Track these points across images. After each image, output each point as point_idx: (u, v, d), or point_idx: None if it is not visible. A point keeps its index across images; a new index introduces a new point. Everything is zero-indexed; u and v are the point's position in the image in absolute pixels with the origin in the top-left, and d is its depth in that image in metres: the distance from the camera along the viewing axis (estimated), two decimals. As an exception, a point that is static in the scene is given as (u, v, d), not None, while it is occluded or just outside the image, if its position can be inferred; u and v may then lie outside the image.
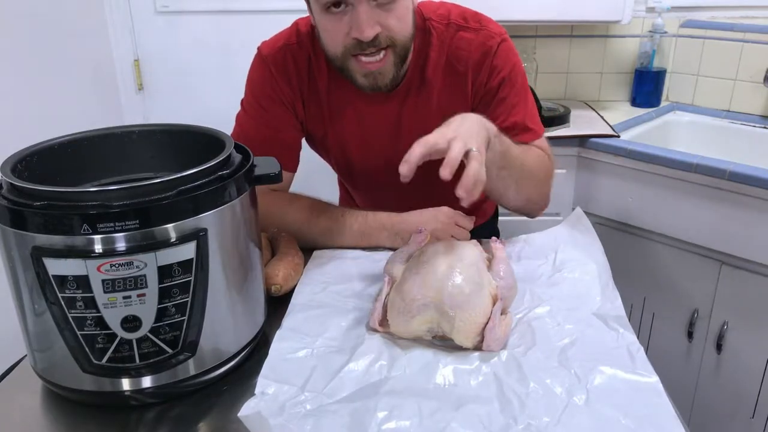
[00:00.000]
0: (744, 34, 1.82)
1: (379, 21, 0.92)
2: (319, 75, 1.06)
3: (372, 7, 0.90)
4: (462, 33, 1.05)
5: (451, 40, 1.05)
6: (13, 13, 1.58)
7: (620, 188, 1.64)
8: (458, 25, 1.05)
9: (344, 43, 0.94)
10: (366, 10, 0.90)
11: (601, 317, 0.83)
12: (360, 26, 0.90)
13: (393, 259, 0.89)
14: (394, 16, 0.93)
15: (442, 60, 1.05)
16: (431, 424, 0.65)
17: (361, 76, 0.97)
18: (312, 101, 1.08)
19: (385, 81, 0.98)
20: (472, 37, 1.04)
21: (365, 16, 0.90)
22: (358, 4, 0.89)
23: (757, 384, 1.50)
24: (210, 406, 0.72)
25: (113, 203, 0.62)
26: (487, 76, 1.06)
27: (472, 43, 1.04)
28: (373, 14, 0.91)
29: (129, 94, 2.09)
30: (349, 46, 0.94)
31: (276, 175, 0.77)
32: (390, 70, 0.97)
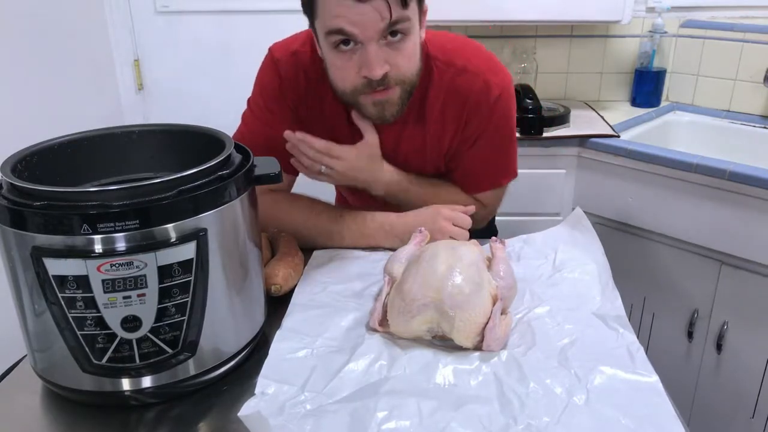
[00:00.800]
0: (744, 34, 1.82)
1: (388, 60, 0.92)
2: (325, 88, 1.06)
3: (381, 46, 0.90)
4: (463, 77, 1.04)
5: (450, 81, 1.04)
6: (13, 14, 1.58)
7: (620, 188, 1.64)
8: (461, 67, 1.04)
9: (354, 81, 0.94)
10: (375, 49, 0.90)
11: (601, 317, 0.83)
12: (370, 65, 0.90)
13: (393, 259, 0.89)
14: (403, 54, 0.93)
15: (440, 98, 1.05)
16: (431, 424, 0.65)
17: (370, 107, 0.98)
18: (315, 109, 1.08)
19: (392, 111, 0.98)
20: (471, 84, 1.04)
21: (375, 55, 0.90)
22: (367, 44, 0.89)
23: (757, 384, 1.50)
24: (210, 406, 0.72)
25: (113, 203, 0.62)
26: (475, 124, 1.07)
27: (472, 90, 1.04)
28: (382, 53, 0.91)
29: (129, 94, 2.09)
30: (358, 86, 0.94)
31: (276, 175, 0.77)
32: (397, 102, 0.98)
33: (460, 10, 1.71)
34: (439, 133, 1.08)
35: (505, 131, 1.10)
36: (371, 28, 0.88)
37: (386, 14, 0.87)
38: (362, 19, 0.87)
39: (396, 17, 0.88)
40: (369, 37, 0.89)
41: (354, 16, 0.86)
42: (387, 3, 0.86)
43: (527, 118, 1.65)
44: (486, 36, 1.99)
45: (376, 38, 0.89)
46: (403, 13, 0.88)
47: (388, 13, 0.87)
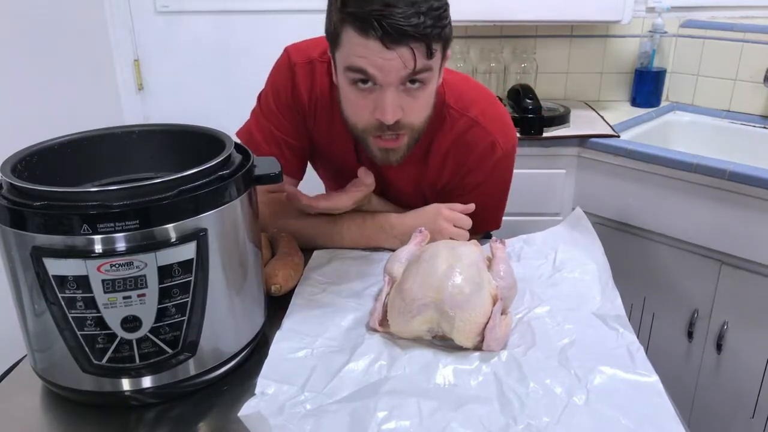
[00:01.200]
0: (744, 34, 1.82)
1: (403, 106, 0.90)
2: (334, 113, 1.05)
3: (399, 92, 0.89)
4: (473, 130, 1.04)
5: (462, 133, 1.05)
6: (13, 14, 1.58)
7: (620, 188, 1.64)
8: (474, 121, 1.04)
9: (366, 121, 0.93)
10: (393, 95, 0.88)
11: (600, 317, 0.83)
12: (384, 110, 0.89)
13: (393, 259, 0.89)
14: (418, 103, 0.92)
15: (446, 145, 1.06)
16: (431, 424, 0.65)
17: (376, 150, 0.97)
18: (324, 119, 1.08)
19: (397, 158, 0.98)
20: (481, 138, 1.04)
21: (391, 101, 0.88)
22: (386, 88, 0.88)
23: (757, 384, 1.50)
24: (210, 406, 0.72)
25: (113, 203, 0.62)
26: (473, 177, 1.07)
27: (478, 146, 1.04)
28: (399, 99, 0.89)
29: (129, 94, 2.09)
30: (370, 127, 0.93)
31: (276, 175, 0.77)
32: (403, 150, 0.97)
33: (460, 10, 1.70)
34: (437, 174, 1.09)
35: (500, 189, 1.11)
36: (393, 74, 0.86)
37: (411, 63, 0.85)
38: (386, 64, 0.85)
39: (420, 67, 0.86)
40: (389, 83, 0.87)
41: (378, 60, 0.84)
42: (413, 52, 0.84)
43: (527, 118, 1.65)
44: (486, 36, 1.99)
45: (395, 84, 0.87)
46: (427, 63, 0.87)
47: (413, 63, 0.85)
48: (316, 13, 0.97)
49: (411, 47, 0.83)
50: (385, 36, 0.82)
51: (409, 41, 0.83)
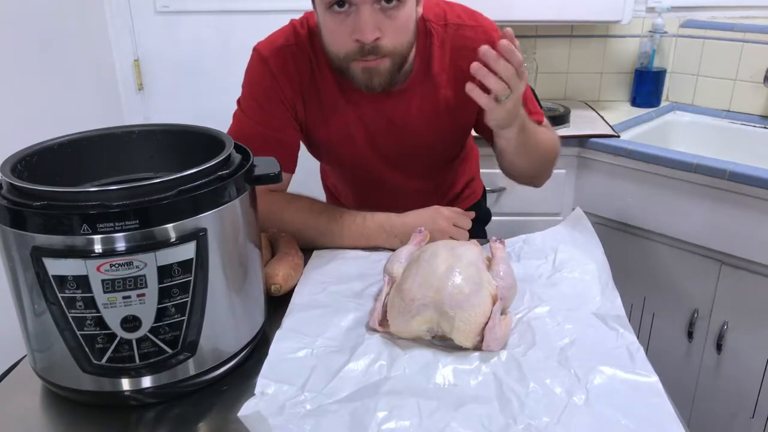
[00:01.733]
0: (744, 34, 1.82)
1: (381, 26, 0.92)
2: (320, 75, 1.07)
3: (375, 11, 0.91)
4: (462, 31, 1.06)
5: (452, 39, 1.06)
6: (13, 13, 1.58)
7: (620, 188, 1.64)
8: (457, 24, 1.07)
9: (346, 45, 0.95)
10: (369, 12, 0.90)
11: (600, 317, 0.83)
12: (362, 28, 0.91)
13: (393, 259, 0.89)
14: (396, 24, 0.93)
15: (446, 58, 1.06)
16: (431, 424, 0.65)
17: (359, 74, 0.98)
18: (313, 101, 1.09)
19: (380, 80, 0.99)
20: (472, 34, 1.06)
21: (368, 18, 0.90)
22: (361, 5, 0.90)
23: (757, 384, 1.50)
24: (210, 406, 0.72)
25: (113, 203, 0.62)
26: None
27: (475, 40, 1.05)
28: (376, 18, 0.91)
29: (129, 94, 2.09)
30: (350, 51, 0.95)
31: (276, 175, 0.77)
32: (385, 72, 0.98)
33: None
34: (450, 98, 1.08)
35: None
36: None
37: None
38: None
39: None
40: (363, 0, 0.89)
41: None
42: None
43: (527, 118, 1.65)
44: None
45: (370, 1, 0.89)
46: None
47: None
48: (316, 13, 0.98)
49: None
50: None
51: None
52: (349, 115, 1.09)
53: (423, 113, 1.09)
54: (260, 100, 1.07)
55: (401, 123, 1.10)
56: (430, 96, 1.08)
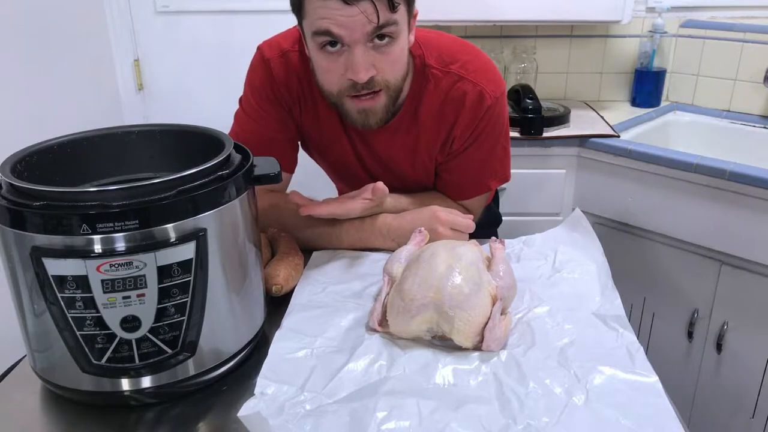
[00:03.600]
0: (744, 34, 1.82)
1: (375, 63, 0.91)
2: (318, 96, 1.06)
3: (368, 49, 0.90)
4: (460, 84, 1.04)
5: (448, 89, 1.04)
6: (13, 13, 1.58)
7: (620, 188, 1.64)
8: (458, 75, 1.04)
9: (339, 83, 0.94)
10: (362, 52, 0.89)
11: (600, 317, 0.83)
12: (355, 68, 0.90)
13: (392, 259, 0.89)
14: (389, 59, 0.93)
15: (436, 105, 1.05)
16: (430, 424, 0.65)
17: (354, 113, 0.98)
18: (309, 108, 1.08)
19: (376, 119, 0.99)
20: (468, 90, 1.04)
21: (361, 58, 0.89)
22: (354, 46, 0.89)
23: (757, 384, 1.50)
24: (210, 406, 0.72)
25: (113, 203, 0.62)
26: (469, 130, 1.07)
27: (467, 96, 1.04)
28: (369, 56, 0.90)
29: (129, 94, 2.09)
30: (344, 88, 0.94)
31: (275, 175, 0.77)
32: (381, 110, 0.98)
33: (460, 10, 1.71)
34: (432, 137, 1.08)
35: (496, 137, 1.10)
36: (358, 30, 0.87)
37: (374, 18, 0.86)
38: (349, 21, 0.86)
39: (383, 21, 0.87)
40: (355, 40, 0.88)
41: (341, 18, 0.86)
42: (375, 6, 0.85)
43: (527, 118, 1.65)
44: (486, 36, 1.99)
45: (362, 41, 0.88)
46: (390, 16, 0.88)
47: (376, 17, 0.86)
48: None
49: (372, 1, 0.85)
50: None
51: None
52: (342, 134, 1.10)
53: (404, 149, 1.10)
54: (260, 100, 1.07)
55: (386, 156, 1.11)
56: (412, 135, 1.08)
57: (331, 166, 1.21)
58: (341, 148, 1.12)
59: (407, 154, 1.11)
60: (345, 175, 1.20)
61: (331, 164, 1.20)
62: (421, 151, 1.10)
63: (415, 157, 1.11)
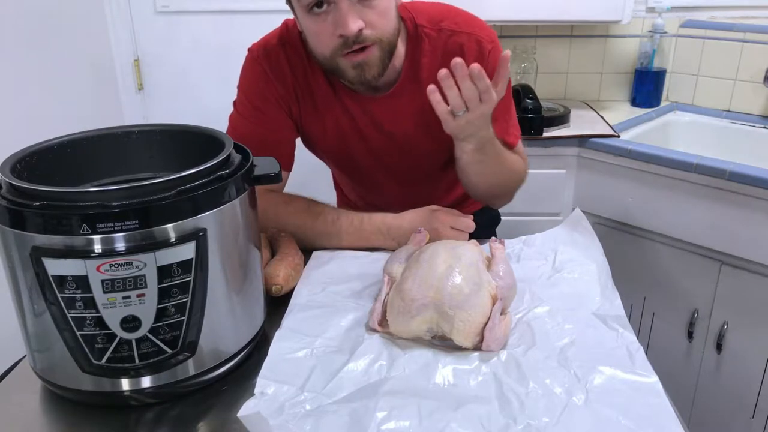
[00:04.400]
0: (744, 34, 1.82)
1: (362, 16, 0.93)
2: (313, 75, 1.07)
3: (353, 3, 0.92)
4: (455, 38, 1.06)
5: (444, 45, 1.06)
6: (13, 13, 1.58)
7: (620, 188, 1.64)
8: (451, 30, 1.06)
9: (331, 43, 0.95)
10: (348, 5, 0.91)
11: (600, 317, 0.83)
12: (344, 22, 0.91)
13: (392, 259, 0.89)
14: (376, 12, 0.94)
15: (436, 63, 1.05)
16: (430, 424, 0.65)
17: (350, 69, 0.98)
18: (307, 100, 1.09)
19: (372, 73, 0.99)
20: (464, 41, 1.06)
21: (347, 11, 0.91)
22: (339, 1, 0.91)
23: (757, 384, 1.50)
24: (210, 406, 0.72)
25: (113, 203, 0.62)
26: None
27: (465, 47, 1.05)
28: (355, 10, 0.92)
29: (129, 94, 2.09)
30: (336, 47, 0.95)
31: (275, 175, 0.77)
32: (376, 63, 0.98)
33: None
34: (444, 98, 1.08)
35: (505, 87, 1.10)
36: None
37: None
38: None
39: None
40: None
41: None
42: None
43: (527, 118, 1.65)
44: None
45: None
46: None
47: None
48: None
49: None
50: None
51: None
52: (342, 117, 1.10)
53: (412, 118, 1.09)
54: (255, 100, 1.08)
55: (391, 128, 1.11)
56: (418, 101, 1.07)
57: (335, 157, 1.20)
58: (343, 132, 1.12)
59: (416, 122, 1.10)
60: (350, 165, 1.19)
61: (335, 155, 1.19)
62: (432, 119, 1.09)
63: (427, 126, 1.10)
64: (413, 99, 1.07)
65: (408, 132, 1.11)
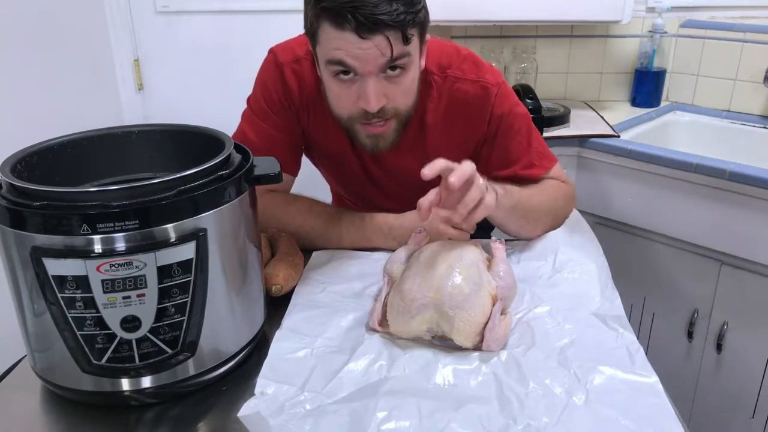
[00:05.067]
0: (744, 34, 1.82)
1: (386, 93, 0.92)
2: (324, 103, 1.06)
3: (380, 80, 0.90)
4: (459, 84, 1.05)
5: (449, 91, 1.05)
6: (13, 14, 1.58)
7: (620, 188, 1.64)
8: (455, 77, 1.05)
9: (351, 110, 0.94)
10: (374, 83, 0.89)
11: (600, 317, 0.83)
12: (367, 98, 0.90)
13: (393, 259, 0.89)
14: (401, 88, 0.93)
15: (441, 111, 1.06)
16: (430, 424, 0.65)
17: (364, 138, 0.98)
18: (317, 115, 1.08)
19: (386, 144, 0.99)
20: (468, 88, 1.05)
21: (373, 89, 0.90)
22: (367, 77, 0.89)
23: (757, 384, 1.50)
24: (210, 406, 0.72)
25: (113, 203, 0.62)
26: (486, 125, 1.06)
27: (469, 94, 1.04)
28: (381, 86, 0.91)
29: (129, 94, 2.09)
30: (354, 114, 0.95)
31: (276, 175, 0.77)
32: (391, 135, 0.98)
33: (460, 10, 1.71)
34: (442, 144, 1.08)
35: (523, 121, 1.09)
36: (372, 63, 0.87)
37: (387, 51, 0.86)
38: (363, 54, 0.86)
39: (397, 54, 0.87)
40: (369, 72, 0.88)
41: (355, 50, 0.86)
42: (388, 40, 0.85)
43: (527, 118, 1.65)
44: (486, 36, 1.99)
45: (375, 72, 0.89)
46: (404, 49, 0.88)
47: (389, 51, 0.86)
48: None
49: (386, 35, 0.85)
50: (359, 27, 0.83)
51: (383, 29, 0.84)
52: (350, 150, 1.10)
53: (415, 156, 1.09)
54: (270, 103, 1.07)
55: (392, 165, 1.11)
56: (421, 142, 1.08)
57: (337, 178, 1.21)
58: (349, 163, 1.12)
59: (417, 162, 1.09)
60: (350, 187, 1.20)
61: (338, 177, 1.20)
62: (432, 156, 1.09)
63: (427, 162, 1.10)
64: (417, 142, 1.08)
65: (408, 168, 1.10)
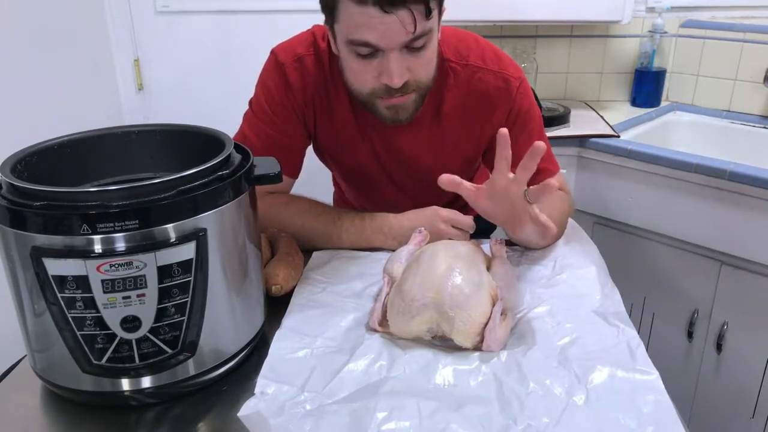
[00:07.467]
0: (744, 34, 1.82)
1: (409, 67, 0.92)
2: (335, 93, 1.06)
3: (402, 55, 0.90)
4: (480, 75, 1.04)
5: (468, 82, 1.05)
6: (13, 14, 1.58)
7: (620, 188, 1.64)
8: (477, 66, 1.04)
9: (372, 85, 0.94)
10: (397, 58, 0.89)
11: (601, 314, 0.83)
12: (391, 75, 0.90)
13: (393, 259, 0.89)
14: (422, 61, 0.93)
15: (459, 100, 1.05)
16: (431, 424, 0.65)
17: (383, 110, 0.98)
18: (324, 115, 1.08)
19: (406, 115, 0.99)
20: (490, 79, 1.04)
21: (396, 65, 0.89)
22: (390, 52, 0.88)
23: (757, 384, 1.50)
24: (210, 406, 0.72)
25: (113, 203, 0.62)
26: (504, 119, 1.06)
27: (490, 85, 1.04)
28: (404, 61, 0.90)
29: (129, 94, 2.09)
30: (376, 89, 0.94)
31: (276, 175, 0.77)
32: (411, 106, 0.98)
33: (461, 10, 1.71)
34: (458, 135, 1.07)
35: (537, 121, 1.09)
36: (395, 39, 0.87)
37: (411, 27, 0.86)
38: (387, 30, 0.85)
39: (420, 31, 0.87)
40: (392, 48, 0.88)
41: (379, 26, 0.85)
42: (412, 14, 0.85)
43: (527, 118, 1.65)
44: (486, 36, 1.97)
45: (398, 48, 0.88)
46: (426, 24, 0.88)
47: (413, 26, 0.86)
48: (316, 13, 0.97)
49: (410, 8, 0.84)
50: (382, 0, 0.83)
51: (407, 2, 0.84)
52: (359, 138, 1.10)
53: (430, 148, 1.09)
54: (272, 104, 1.07)
55: (407, 156, 1.11)
56: (436, 133, 1.08)
57: (347, 173, 1.21)
58: (359, 154, 1.12)
59: (433, 152, 1.09)
60: (359, 178, 1.20)
61: (347, 171, 1.20)
62: (449, 149, 1.09)
63: (444, 155, 1.10)
64: (432, 131, 1.08)
65: (423, 161, 1.11)
